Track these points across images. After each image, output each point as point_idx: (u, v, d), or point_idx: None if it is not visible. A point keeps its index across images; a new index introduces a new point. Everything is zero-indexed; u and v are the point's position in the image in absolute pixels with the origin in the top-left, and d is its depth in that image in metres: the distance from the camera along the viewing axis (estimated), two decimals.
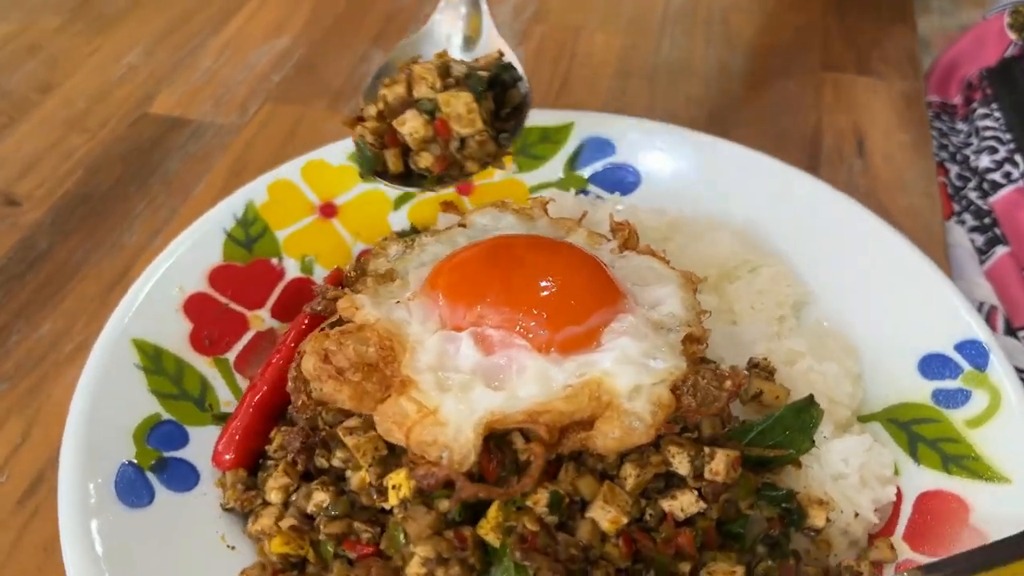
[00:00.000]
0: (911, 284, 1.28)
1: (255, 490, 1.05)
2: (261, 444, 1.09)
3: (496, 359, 0.98)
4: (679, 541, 0.93)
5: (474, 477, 0.92)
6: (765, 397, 1.07)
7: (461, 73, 1.15)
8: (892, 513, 1.08)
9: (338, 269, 1.26)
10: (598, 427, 0.93)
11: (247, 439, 1.08)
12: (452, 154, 1.14)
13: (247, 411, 1.10)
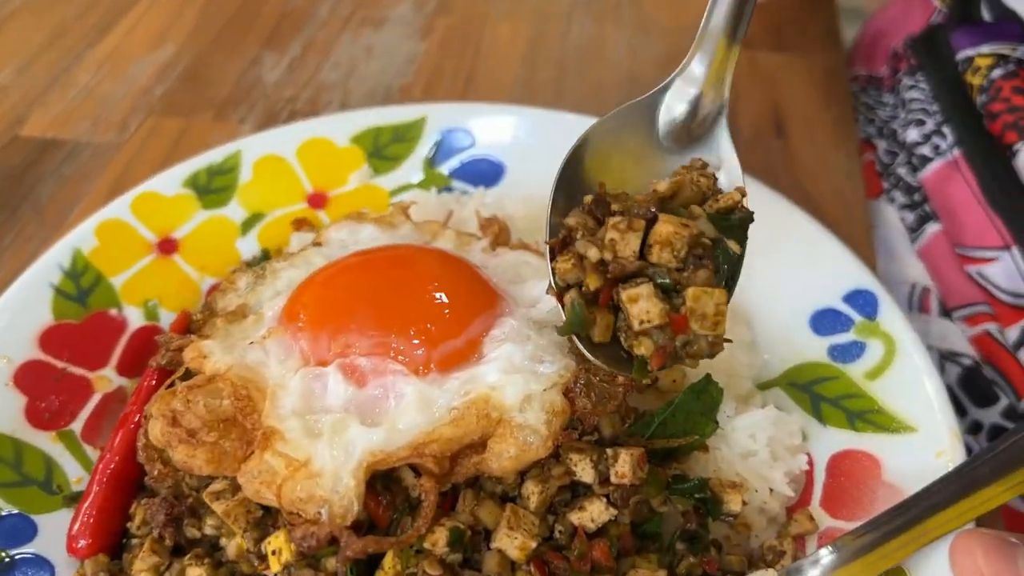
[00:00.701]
0: (795, 243, 1.25)
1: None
2: (121, 522, 0.97)
3: (370, 391, 0.89)
4: (594, 555, 0.86)
5: (362, 526, 0.83)
6: (662, 383, 1.01)
7: (709, 238, 0.87)
8: (807, 482, 1.05)
9: (184, 313, 1.14)
10: (491, 448, 0.85)
11: (104, 519, 0.96)
12: (676, 349, 0.86)
13: (99, 487, 0.97)
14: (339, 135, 1.41)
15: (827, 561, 0.90)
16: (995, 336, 1.41)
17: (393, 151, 1.41)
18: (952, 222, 1.51)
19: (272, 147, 1.38)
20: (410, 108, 1.45)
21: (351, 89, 1.79)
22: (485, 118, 1.44)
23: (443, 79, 1.81)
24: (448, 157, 1.42)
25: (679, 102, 1.00)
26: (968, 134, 1.49)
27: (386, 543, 0.80)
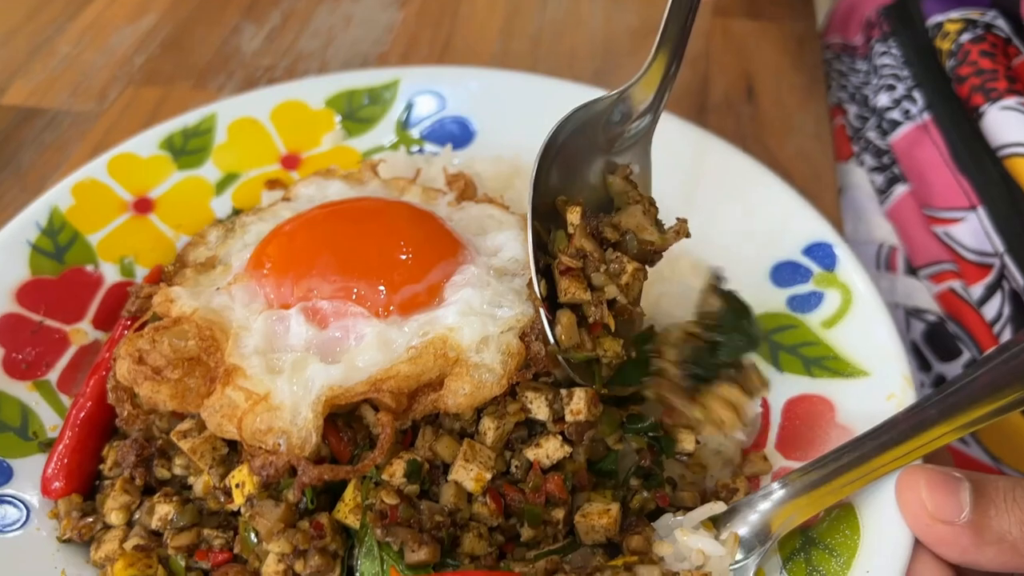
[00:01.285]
0: (757, 198, 1.28)
1: (94, 515, 0.96)
2: (94, 464, 1.00)
3: (331, 332, 0.91)
4: (548, 488, 0.89)
5: (325, 461, 0.86)
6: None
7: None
8: (762, 425, 1.08)
9: (157, 267, 1.16)
10: (447, 385, 0.87)
11: (77, 461, 0.99)
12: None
13: (73, 431, 1.00)
14: (313, 98, 1.43)
15: (778, 495, 0.93)
16: (959, 293, 1.44)
17: (366, 113, 1.43)
18: (920, 184, 1.53)
19: (247, 110, 1.40)
20: (384, 71, 1.47)
21: (329, 58, 1.81)
22: (457, 81, 1.46)
23: (420, 48, 1.83)
24: (420, 119, 1.44)
25: (622, 110, 1.06)
26: (938, 98, 1.51)
27: (341, 471, 0.83)
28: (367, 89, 1.45)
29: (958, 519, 0.88)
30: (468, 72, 1.48)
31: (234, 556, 0.89)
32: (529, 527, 0.89)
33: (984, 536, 0.88)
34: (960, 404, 0.98)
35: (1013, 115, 1.32)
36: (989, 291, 1.39)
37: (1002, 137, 1.32)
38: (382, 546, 0.82)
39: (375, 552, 0.83)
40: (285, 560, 0.83)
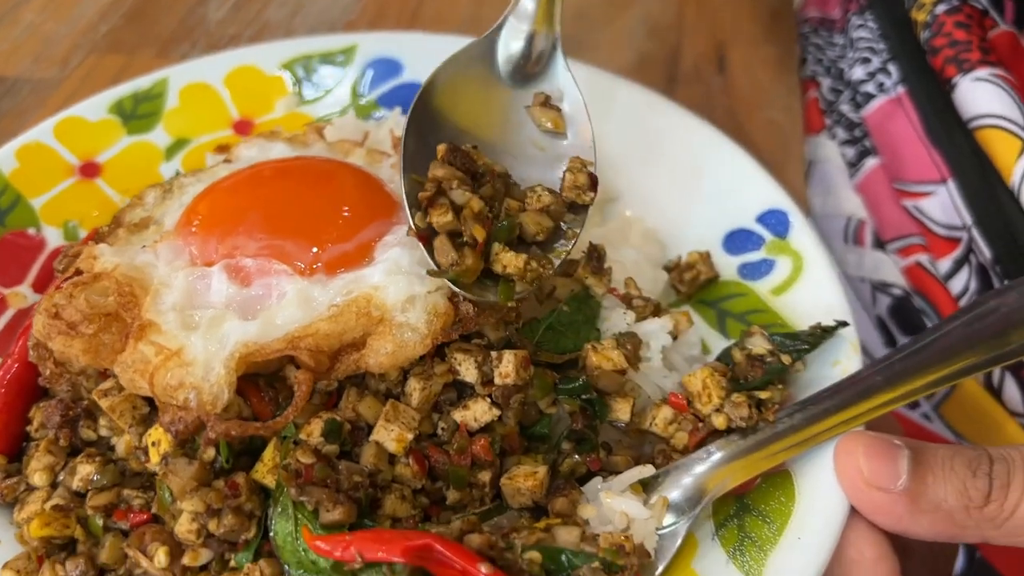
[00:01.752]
0: (713, 166, 1.26)
1: (18, 476, 0.94)
2: (21, 426, 0.98)
3: (253, 290, 0.90)
4: (474, 450, 0.87)
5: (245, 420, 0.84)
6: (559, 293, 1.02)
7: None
8: None
9: (95, 229, 1.14)
10: (370, 344, 0.86)
11: (3, 423, 0.97)
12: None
13: (0, 393, 0.98)
14: (268, 63, 1.41)
15: (712, 459, 0.92)
16: (926, 267, 1.42)
17: (321, 78, 1.41)
18: (892, 157, 1.51)
19: (200, 75, 1.38)
20: (341, 36, 1.45)
21: (295, 27, 1.79)
22: (416, 47, 1.44)
23: (388, 17, 1.81)
24: (378, 84, 1.42)
25: (515, 40, 1.06)
26: (912, 71, 1.48)
27: (250, 427, 0.81)
28: (322, 53, 1.43)
29: (894, 486, 0.86)
30: (428, 38, 1.46)
31: (153, 516, 0.87)
32: (454, 490, 0.87)
33: (920, 504, 0.86)
34: (907, 371, 0.96)
35: (985, 86, 1.30)
36: (957, 265, 1.37)
37: (974, 109, 1.29)
38: (296, 505, 0.81)
39: (289, 511, 0.81)
40: (199, 519, 0.81)
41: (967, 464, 0.86)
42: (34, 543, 0.87)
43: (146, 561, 0.84)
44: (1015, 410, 1.32)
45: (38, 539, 0.87)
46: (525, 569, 0.78)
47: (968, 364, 0.96)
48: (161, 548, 0.83)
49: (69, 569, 0.86)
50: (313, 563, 0.79)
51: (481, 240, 0.89)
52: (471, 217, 0.90)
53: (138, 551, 0.84)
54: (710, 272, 1.14)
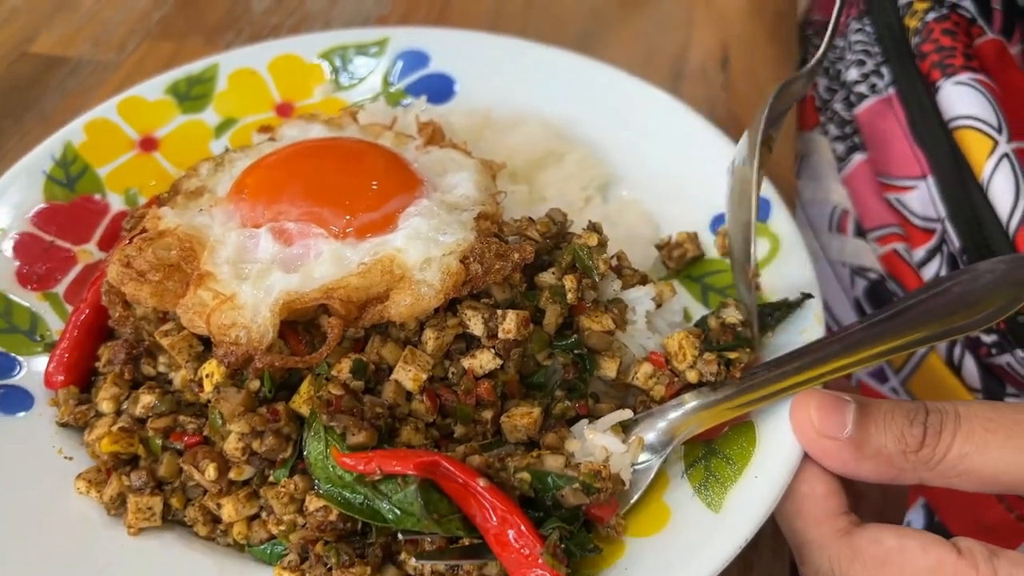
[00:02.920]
0: (703, 154, 1.39)
1: (88, 404, 1.10)
2: (90, 363, 1.14)
3: (294, 249, 1.04)
4: (479, 391, 1.01)
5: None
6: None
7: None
8: None
9: (155, 196, 1.30)
10: (392, 297, 1.00)
11: (75, 358, 1.13)
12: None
13: (73, 333, 1.14)
14: (308, 52, 1.56)
15: (689, 406, 1.05)
16: (902, 255, 1.54)
17: (356, 68, 1.56)
18: (879, 153, 1.63)
19: (246, 61, 1.53)
20: (375, 30, 1.60)
21: (333, 18, 1.94)
22: (443, 42, 1.58)
23: (418, 11, 1.95)
24: (406, 75, 1.56)
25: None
26: (903, 74, 1.60)
27: (290, 360, 0.96)
28: (357, 45, 1.57)
29: (841, 435, 1.00)
30: (454, 34, 1.60)
31: (204, 439, 1.03)
32: (460, 425, 1.01)
33: (863, 450, 0.99)
34: (863, 341, 1.09)
35: (965, 89, 1.42)
36: (930, 254, 1.49)
37: (954, 110, 1.41)
38: (327, 430, 0.95)
39: (321, 435, 0.96)
40: (244, 439, 0.96)
41: (905, 415, 0.99)
42: (104, 457, 1.03)
43: (198, 475, 0.99)
44: (973, 385, 1.45)
45: (107, 454, 1.03)
46: (516, 486, 0.93)
47: (919, 337, 1.08)
48: (211, 464, 0.98)
49: (133, 480, 1.02)
50: (340, 477, 0.94)
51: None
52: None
53: (192, 466, 0.99)
54: (696, 250, 1.28)
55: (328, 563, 0.94)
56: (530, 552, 0.88)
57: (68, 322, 1.16)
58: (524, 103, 1.50)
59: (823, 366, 1.07)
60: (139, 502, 1.00)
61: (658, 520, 1.00)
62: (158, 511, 1.01)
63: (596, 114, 1.48)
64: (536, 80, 1.53)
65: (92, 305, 1.15)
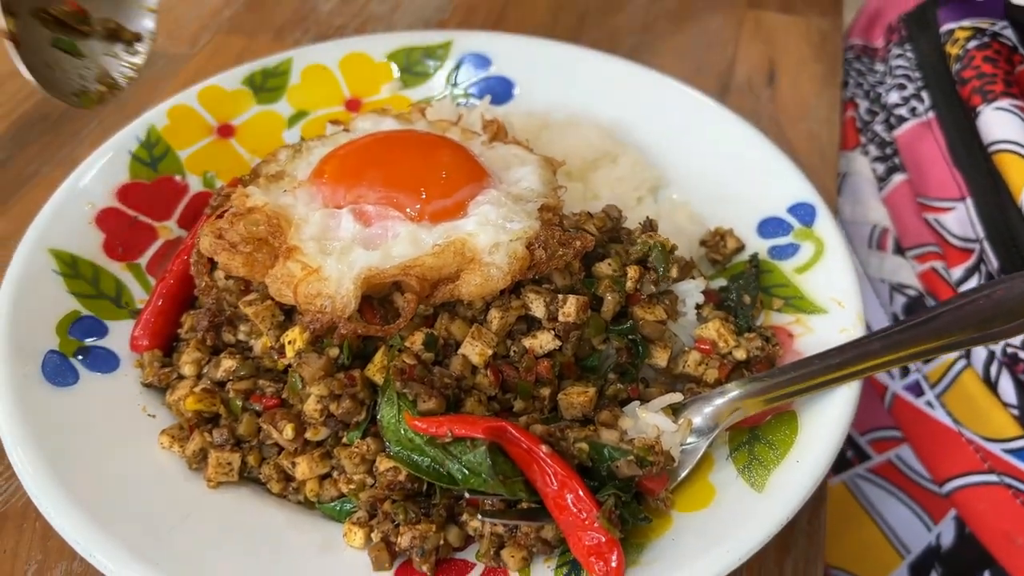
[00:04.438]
0: (752, 162, 1.46)
1: (170, 367, 1.18)
2: (173, 329, 1.22)
3: (373, 229, 1.12)
4: (538, 369, 1.08)
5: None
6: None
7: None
8: None
9: (235, 178, 1.38)
10: (463, 278, 1.08)
11: (160, 324, 1.21)
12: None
13: (157, 301, 1.22)
14: (377, 51, 1.64)
15: (730, 394, 1.12)
16: (940, 273, 1.59)
17: (421, 68, 1.64)
18: (918, 175, 1.68)
19: (318, 57, 1.62)
20: (439, 33, 1.68)
21: (395, 21, 2.03)
22: (504, 46, 1.66)
23: (476, 17, 2.03)
24: (468, 77, 1.64)
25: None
26: (942, 99, 1.66)
27: (372, 328, 1.03)
28: (423, 47, 1.65)
29: None
30: (514, 39, 1.68)
31: (281, 402, 1.10)
32: (520, 400, 1.08)
33: None
34: (902, 341, 1.15)
35: (1005, 115, 1.47)
36: (968, 273, 1.54)
37: (993, 134, 1.46)
38: (400, 395, 1.03)
39: (394, 400, 1.03)
40: (323, 401, 1.04)
41: None
42: (187, 415, 1.11)
43: (276, 434, 1.06)
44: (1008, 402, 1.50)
45: (191, 412, 1.10)
46: (575, 455, 0.99)
47: (955, 340, 1.14)
48: (289, 424, 1.06)
49: (215, 436, 1.09)
50: (410, 440, 1.01)
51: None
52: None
53: (271, 426, 1.07)
54: (736, 242, 1.35)
55: (396, 520, 1.01)
56: (587, 516, 0.95)
57: (153, 292, 1.25)
58: (579, 107, 1.58)
59: (863, 362, 1.13)
60: (220, 457, 1.08)
61: (704, 497, 1.06)
62: (236, 467, 1.08)
63: (648, 119, 1.55)
64: (591, 85, 1.61)
65: (177, 276, 1.23)
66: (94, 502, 1.02)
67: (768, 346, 1.16)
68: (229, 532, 1.05)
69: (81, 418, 1.11)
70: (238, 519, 1.07)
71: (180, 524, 1.04)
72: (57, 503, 1.01)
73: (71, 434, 1.09)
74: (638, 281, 1.14)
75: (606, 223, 1.21)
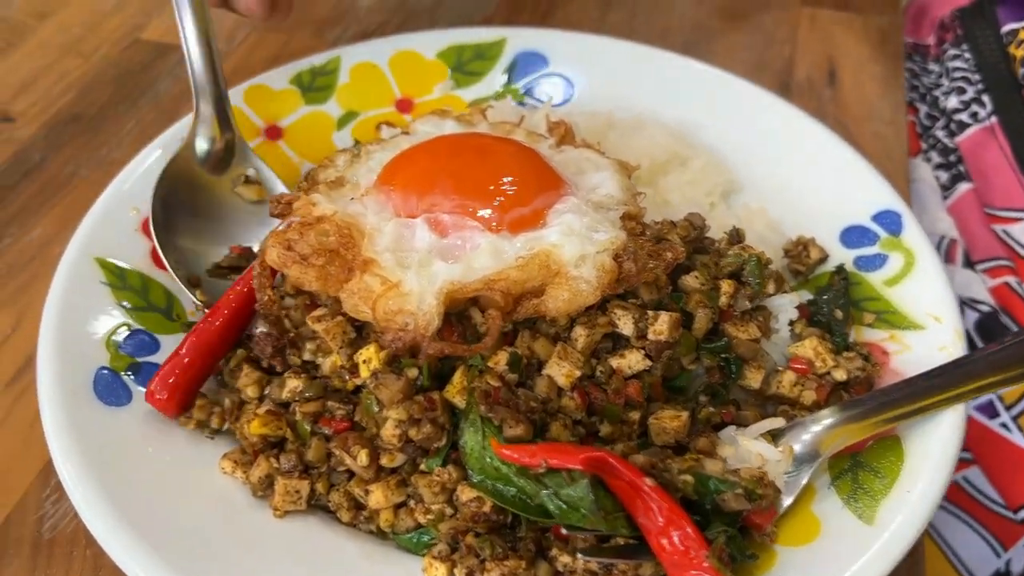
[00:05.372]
0: (830, 166, 1.38)
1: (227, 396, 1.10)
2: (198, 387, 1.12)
3: (451, 240, 1.05)
4: (628, 391, 1.01)
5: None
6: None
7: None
8: None
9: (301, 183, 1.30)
10: (549, 292, 1.00)
11: (183, 380, 1.09)
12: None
13: (184, 357, 1.10)
14: (427, 49, 1.57)
15: (830, 420, 1.04)
16: (1014, 288, 1.52)
17: (474, 67, 1.57)
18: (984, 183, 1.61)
19: (368, 55, 1.54)
20: (493, 30, 1.60)
21: (437, 18, 1.95)
22: (560, 43, 1.58)
23: (521, 13, 1.96)
24: (523, 75, 1.57)
25: (202, 143, 1.32)
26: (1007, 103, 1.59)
27: (459, 348, 0.96)
28: (476, 45, 1.58)
29: None
30: (572, 36, 1.60)
31: (352, 425, 1.03)
32: (608, 424, 1.01)
33: None
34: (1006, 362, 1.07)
35: None
36: None
37: None
38: (484, 420, 0.95)
39: (478, 426, 0.95)
40: (401, 426, 0.96)
41: None
42: (252, 439, 1.03)
43: (350, 460, 0.99)
44: None
45: (256, 436, 1.03)
46: (680, 488, 0.92)
47: None
48: (363, 450, 0.99)
49: (282, 462, 1.02)
50: (496, 469, 0.94)
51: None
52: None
53: (343, 452, 0.99)
54: (820, 252, 1.27)
55: (481, 555, 0.94)
56: (695, 555, 0.87)
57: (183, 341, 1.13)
58: (642, 106, 1.50)
59: (969, 383, 1.05)
60: (288, 485, 1.00)
61: (808, 530, 0.99)
62: (305, 494, 1.01)
63: (715, 120, 1.48)
64: (653, 84, 1.53)
65: (208, 333, 1.12)
66: (152, 530, 0.95)
67: (868, 366, 1.08)
68: (299, 564, 0.98)
69: (136, 440, 1.05)
70: (307, 550, 1.00)
71: (245, 555, 0.98)
72: (113, 530, 0.94)
73: (126, 457, 1.02)
74: (732, 296, 1.07)
75: (690, 232, 1.14)
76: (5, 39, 1.86)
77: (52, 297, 1.13)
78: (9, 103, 1.71)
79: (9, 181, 1.55)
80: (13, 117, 1.67)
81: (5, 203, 1.51)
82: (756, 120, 1.47)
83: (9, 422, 1.21)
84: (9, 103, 1.71)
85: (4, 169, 1.57)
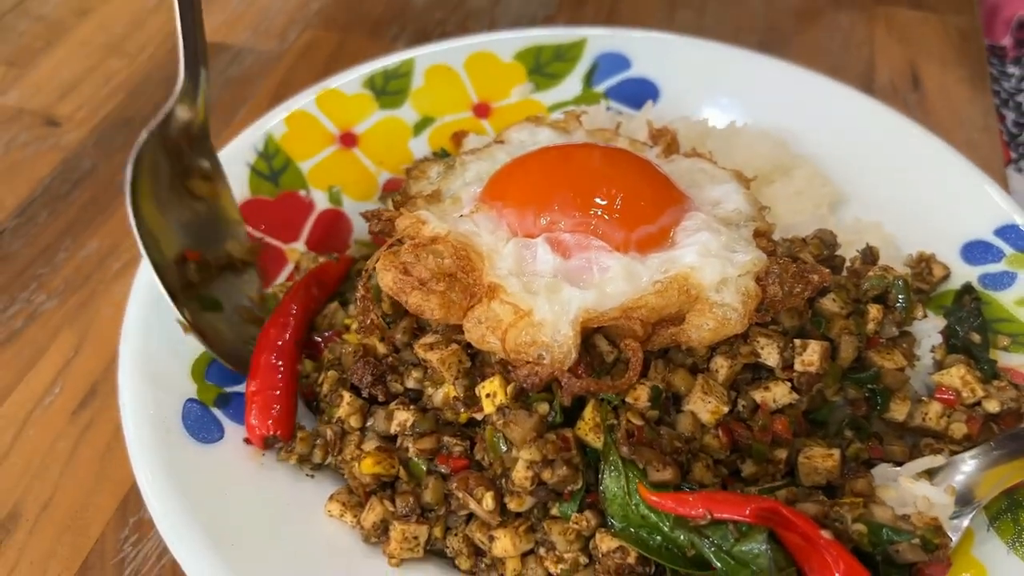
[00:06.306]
0: (943, 177, 1.30)
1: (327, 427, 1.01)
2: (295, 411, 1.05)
3: (576, 261, 0.96)
4: (776, 428, 0.93)
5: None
6: None
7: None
8: None
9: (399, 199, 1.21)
10: (690, 320, 0.91)
11: (286, 408, 1.04)
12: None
13: (274, 389, 1.04)
14: (504, 51, 1.48)
15: (986, 458, 0.96)
16: None
17: (553, 69, 1.48)
18: None
19: (442, 57, 1.45)
20: (571, 30, 1.51)
21: (497, 16, 1.86)
22: (645, 44, 1.49)
23: (585, 12, 1.87)
24: (606, 77, 1.48)
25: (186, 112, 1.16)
26: None
27: (604, 385, 0.87)
28: (555, 46, 1.49)
29: None
30: (654, 36, 1.51)
31: (469, 462, 0.94)
32: (753, 463, 0.92)
33: None
34: None
35: None
36: None
37: None
38: (627, 463, 0.87)
39: (620, 469, 0.87)
40: (534, 468, 0.88)
41: None
42: (365, 479, 0.95)
43: (473, 503, 0.90)
44: None
45: (369, 476, 0.94)
46: (853, 539, 0.83)
47: None
48: (488, 493, 0.90)
49: (399, 506, 0.93)
50: (643, 518, 0.85)
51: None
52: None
53: (467, 494, 0.90)
54: (943, 269, 1.19)
55: None
56: None
57: (256, 367, 1.06)
58: (736, 112, 1.42)
59: None
60: (405, 531, 0.92)
61: None
62: (423, 541, 0.93)
63: (818, 128, 1.40)
64: (745, 88, 1.45)
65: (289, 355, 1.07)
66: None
67: (1021, 395, 1.00)
68: None
69: (234, 480, 0.96)
70: None
71: None
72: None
73: (223, 499, 0.94)
74: (879, 323, 0.98)
75: (821, 251, 1.06)
76: (44, 38, 1.77)
77: (131, 325, 1.04)
78: (54, 106, 1.62)
79: (60, 191, 1.46)
80: (59, 121, 1.59)
81: (56, 213, 1.42)
82: (859, 127, 1.38)
83: (78, 455, 1.12)
84: (54, 106, 1.62)
85: (54, 178, 1.48)
